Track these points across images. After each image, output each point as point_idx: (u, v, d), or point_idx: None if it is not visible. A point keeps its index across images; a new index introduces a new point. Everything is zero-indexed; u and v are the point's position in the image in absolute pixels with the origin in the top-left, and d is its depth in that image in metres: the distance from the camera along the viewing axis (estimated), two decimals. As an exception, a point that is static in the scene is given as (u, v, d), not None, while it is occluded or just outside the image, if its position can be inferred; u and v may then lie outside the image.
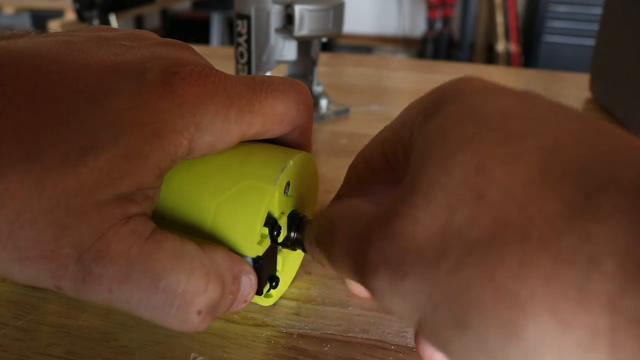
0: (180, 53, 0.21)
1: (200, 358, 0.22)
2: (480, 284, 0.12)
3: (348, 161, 0.22)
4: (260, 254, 0.21)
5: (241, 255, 0.20)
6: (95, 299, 0.17)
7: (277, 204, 0.21)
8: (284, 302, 0.25)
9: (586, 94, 0.64)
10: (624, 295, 0.11)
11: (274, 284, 0.23)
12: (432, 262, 0.13)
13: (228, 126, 0.19)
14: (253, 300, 0.24)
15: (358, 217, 0.16)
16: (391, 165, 0.19)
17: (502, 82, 0.17)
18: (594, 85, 0.61)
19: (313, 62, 0.52)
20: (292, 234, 0.23)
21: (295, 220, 0.23)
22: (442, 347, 0.13)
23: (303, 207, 0.24)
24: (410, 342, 0.23)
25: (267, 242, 0.21)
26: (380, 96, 0.61)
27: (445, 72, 0.74)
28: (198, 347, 0.22)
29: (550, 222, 0.12)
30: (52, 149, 0.16)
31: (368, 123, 0.51)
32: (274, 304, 0.25)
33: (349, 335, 0.23)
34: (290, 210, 0.23)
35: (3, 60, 0.17)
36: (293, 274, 0.26)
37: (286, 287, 0.26)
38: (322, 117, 0.52)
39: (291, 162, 0.21)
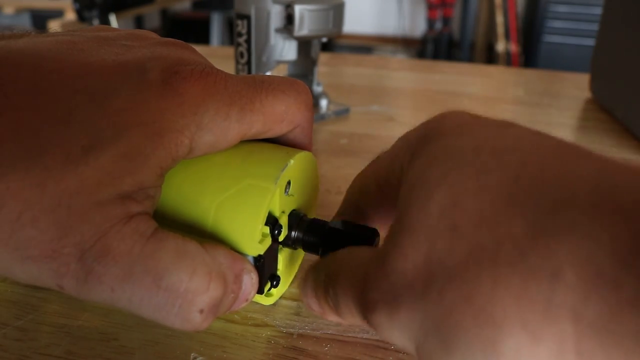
0: (180, 52, 0.21)
1: (200, 358, 0.22)
2: (461, 307, 0.13)
3: (348, 161, 0.22)
4: (262, 252, 0.21)
5: (242, 254, 0.20)
6: (97, 298, 0.17)
7: (278, 203, 0.21)
8: (284, 302, 0.25)
9: (586, 94, 0.64)
10: (585, 304, 0.11)
11: (274, 282, 0.23)
12: (420, 292, 0.14)
13: (229, 125, 0.20)
14: (254, 300, 0.24)
15: (358, 263, 0.17)
16: (384, 192, 0.21)
17: (502, 82, 0.18)
18: (594, 85, 0.61)
19: (313, 62, 0.52)
20: (293, 233, 0.23)
21: (296, 219, 0.23)
22: None
23: (304, 206, 0.24)
24: (410, 342, 0.23)
25: (268, 241, 0.21)
26: (380, 96, 0.61)
27: (445, 72, 0.74)
28: (198, 347, 0.22)
29: (516, 243, 0.13)
30: (53, 148, 0.16)
31: (368, 123, 0.51)
32: (274, 304, 0.25)
33: (349, 335, 0.23)
34: (291, 209, 0.23)
35: (3, 60, 0.17)
36: (294, 273, 0.26)
37: (287, 287, 0.26)
38: (322, 117, 0.52)
39: (292, 161, 0.21)
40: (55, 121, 0.16)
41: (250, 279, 0.20)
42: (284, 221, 0.22)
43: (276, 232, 0.21)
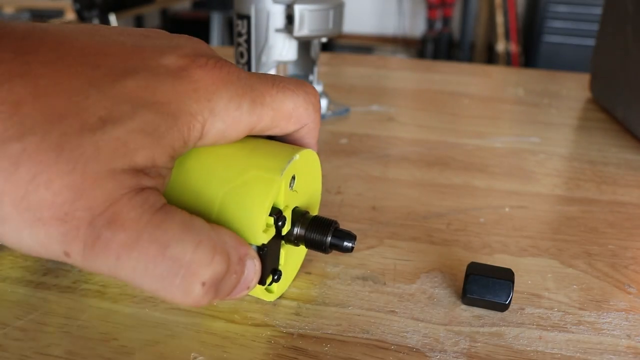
0: (196, 45, 0.21)
1: (200, 358, 0.22)
2: None
3: (348, 161, 0.22)
4: (265, 242, 0.21)
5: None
6: (101, 266, 0.17)
7: (283, 196, 0.22)
8: (284, 302, 0.25)
9: (586, 94, 0.64)
10: None
11: (276, 277, 0.23)
12: None
13: (240, 115, 0.20)
14: (255, 295, 0.24)
15: None
16: None
17: (502, 82, 0.17)
18: (594, 85, 0.61)
19: (313, 62, 0.52)
20: (296, 229, 0.23)
21: (299, 216, 0.23)
22: None
23: (306, 205, 0.25)
24: (410, 342, 0.23)
25: (272, 232, 0.21)
26: (380, 96, 0.61)
27: (445, 72, 0.74)
28: (198, 347, 0.22)
29: None
30: (71, 117, 0.16)
31: (368, 123, 0.51)
32: (274, 304, 0.25)
33: (349, 335, 0.23)
34: (294, 205, 0.23)
35: (27, 34, 0.17)
36: (295, 271, 0.26)
37: (288, 285, 0.26)
38: (322, 117, 0.52)
39: (298, 156, 0.22)
40: (74, 92, 0.17)
41: (254, 265, 0.20)
42: (287, 216, 0.22)
43: (280, 223, 0.22)
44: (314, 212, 0.26)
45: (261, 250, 0.21)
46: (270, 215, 0.21)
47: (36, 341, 0.22)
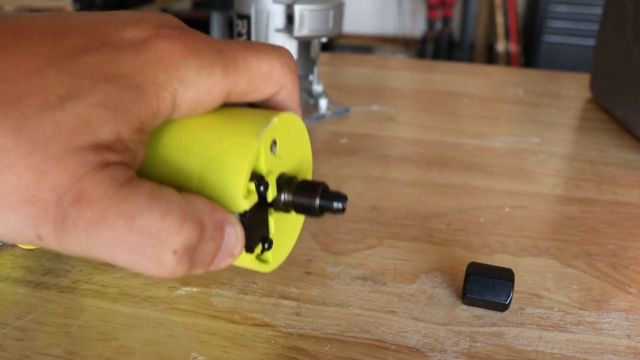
0: (161, 17, 0.21)
1: (201, 358, 0.22)
2: None
3: (348, 161, 0.22)
4: (247, 208, 0.20)
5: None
6: (74, 246, 0.17)
7: (264, 162, 0.21)
8: (284, 302, 0.25)
9: (586, 94, 0.64)
10: None
11: (266, 245, 0.23)
12: None
13: (213, 81, 0.20)
14: (249, 267, 0.23)
15: None
16: None
17: (502, 82, 0.17)
18: (594, 85, 0.61)
19: (313, 62, 0.52)
20: (283, 195, 0.22)
21: (286, 181, 0.23)
22: None
23: (295, 171, 0.24)
24: (410, 342, 0.23)
25: (254, 198, 0.21)
26: (380, 96, 0.61)
27: (445, 72, 0.74)
28: (198, 347, 0.22)
29: None
30: (30, 98, 0.16)
31: (368, 123, 0.51)
32: (274, 304, 0.25)
33: (349, 335, 0.23)
34: (280, 171, 0.23)
35: None
36: (292, 241, 0.26)
37: (285, 256, 0.25)
38: (322, 117, 0.52)
39: (276, 119, 0.21)
40: (32, 72, 0.17)
41: (235, 231, 0.20)
42: (272, 181, 0.22)
43: (262, 188, 0.21)
44: (308, 178, 0.25)
45: (243, 217, 0.21)
46: (251, 180, 0.20)
47: (36, 341, 0.22)
